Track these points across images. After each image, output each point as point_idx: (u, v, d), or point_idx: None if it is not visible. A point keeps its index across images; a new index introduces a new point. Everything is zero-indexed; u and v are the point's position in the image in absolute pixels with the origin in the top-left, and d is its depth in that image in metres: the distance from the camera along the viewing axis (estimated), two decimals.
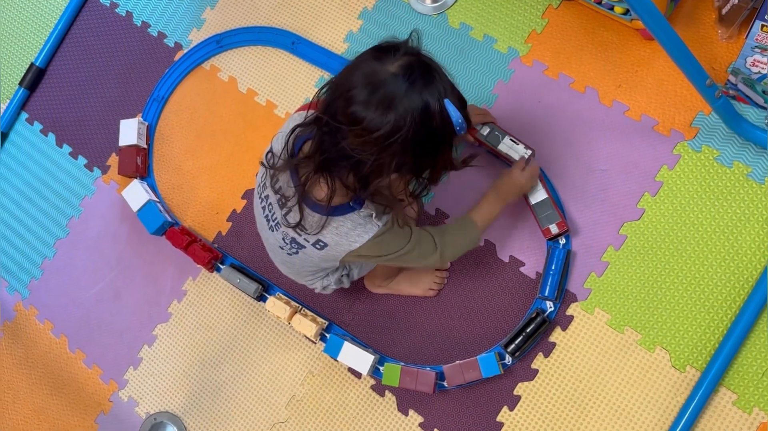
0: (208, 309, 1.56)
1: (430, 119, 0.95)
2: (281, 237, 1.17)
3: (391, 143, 0.94)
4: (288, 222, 1.11)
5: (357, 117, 0.94)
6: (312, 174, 1.02)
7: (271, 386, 1.48)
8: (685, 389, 1.22)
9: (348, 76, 0.97)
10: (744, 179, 1.27)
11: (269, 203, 1.16)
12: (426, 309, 1.40)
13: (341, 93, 0.96)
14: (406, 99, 0.93)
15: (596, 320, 1.30)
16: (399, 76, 0.94)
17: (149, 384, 1.57)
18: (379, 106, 0.93)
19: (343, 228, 1.08)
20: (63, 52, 1.85)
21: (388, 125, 0.93)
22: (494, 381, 1.32)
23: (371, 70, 0.95)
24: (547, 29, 1.44)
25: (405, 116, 0.93)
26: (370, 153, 0.95)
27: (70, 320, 1.68)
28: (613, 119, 1.36)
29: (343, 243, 1.10)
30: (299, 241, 1.14)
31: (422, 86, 0.95)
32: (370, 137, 0.94)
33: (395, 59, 0.95)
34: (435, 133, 0.97)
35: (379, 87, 0.94)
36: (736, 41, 1.30)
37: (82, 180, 1.75)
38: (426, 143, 0.98)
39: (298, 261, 1.21)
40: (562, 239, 1.33)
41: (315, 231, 1.08)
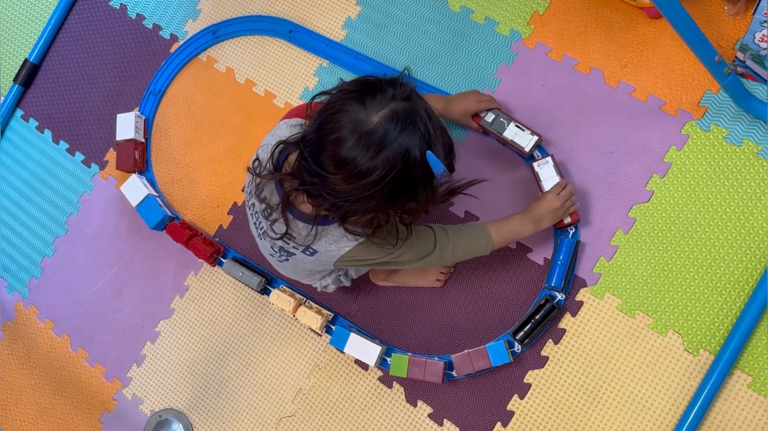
0: (211, 304, 1.54)
1: (410, 171, 0.94)
2: (270, 245, 1.17)
3: (368, 194, 0.94)
4: (274, 232, 1.11)
5: (341, 161, 0.93)
6: (295, 190, 1.02)
7: (277, 380, 1.46)
8: (698, 373, 1.20)
9: (333, 117, 0.95)
10: (754, 157, 1.24)
11: (255, 212, 1.16)
12: (432, 298, 1.38)
13: (326, 134, 0.95)
14: (387, 151, 0.92)
15: (606, 305, 1.27)
16: (384, 125, 0.92)
17: (153, 381, 1.55)
18: (365, 153, 0.92)
19: (332, 236, 1.08)
20: (57, 47, 1.82)
21: (369, 175, 0.92)
22: (504, 369, 1.30)
23: (356, 118, 0.93)
24: (550, 10, 1.42)
25: (385, 169, 0.92)
26: (347, 199, 0.96)
27: (71, 319, 1.66)
28: (619, 100, 1.34)
29: (332, 249, 1.10)
30: (288, 249, 1.14)
31: (406, 138, 0.93)
32: (348, 185, 0.94)
33: (381, 106, 0.93)
34: (414, 182, 0.96)
35: (362, 138, 0.92)
36: (743, 17, 1.28)
37: (80, 176, 1.72)
38: (403, 192, 0.97)
39: (291, 267, 1.21)
40: (572, 229, 1.30)
41: (304, 241, 1.08)
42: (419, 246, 1.13)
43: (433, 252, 1.15)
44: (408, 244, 1.11)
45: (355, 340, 1.34)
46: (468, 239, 1.19)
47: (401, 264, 1.15)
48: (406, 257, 1.13)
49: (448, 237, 1.17)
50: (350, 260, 1.12)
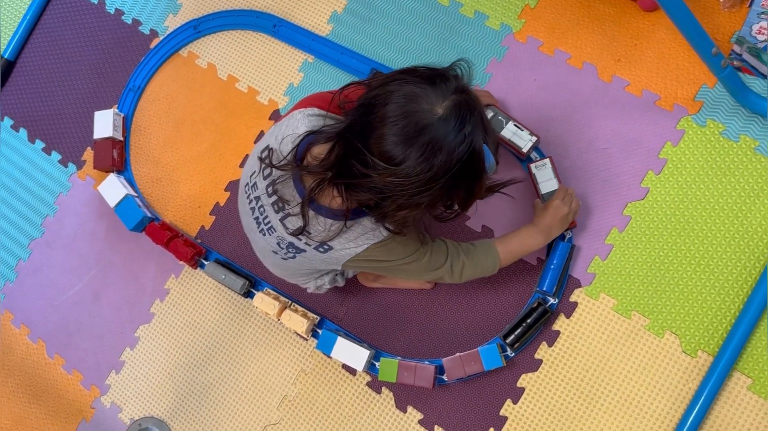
0: (192, 307, 1.49)
1: (472, 162, 0.90)
2: (275, 242, 1.10)
3: (425, 188, 0.88)
4: (286, 227, 1.04)
5: (393, 157, 0.87)
6: (326, 183, 0.94)
7: (262, 386, 1.40)
8: (697, 375, 1.17)
9: (387, 100, 0.88)
10: (752, 153, 1.21)
11: (260, 205, 1.08)
12: (422, 300, 1.34)
13: (378, 122, 0.88)
14: (453, 145, 0.87)
15: (601, 306, 1.23)
16: (447, 119, 0.87)
17: (133, 388, 1.50)
18: (419, 153, 0.86)
19: (351, 233, 1.02)
20: (33, 43, 1.76)
21: (429, 172, 0.87)
22: (496, 373, 1.26)
23: (416, 108, 0.87)
24: (541, 4, 1.38)
25: (449, 162, 0.87)
26: (402, 194, 0.89)
27: (47, 324, 1.60)
28: (613, 95, 1.30)
29: (349, 246, 1.04)
30: (298, 245, 1.07)
31: (470, 131, 0.88)
32: (405, 180, 0.87)
33: (443, 98, 0.88)
34: (473, 173, 0.92)
35: (424, 132, 0.86)
36: (739, 10, 1.25)
37: (57, 176, 1.66)
38: (463, 184, 0.93)
39: (293, 265, 1.14)
40: (568, 233, 1.26)
41: (322, 237, 1.01)
42: (433, 257, 1.09)
43: (443, 265, 1.10)
44: (425, 251, 1.07)
45: (342, 344, 1.29)
46: (477, 256, 1.14)
47: (410, 273, 1.10)
48: (418, 265, 1.08)
49: (459, 253, 1.12)
50: (363, 260, 1.06)
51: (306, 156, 0.98)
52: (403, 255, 1.06)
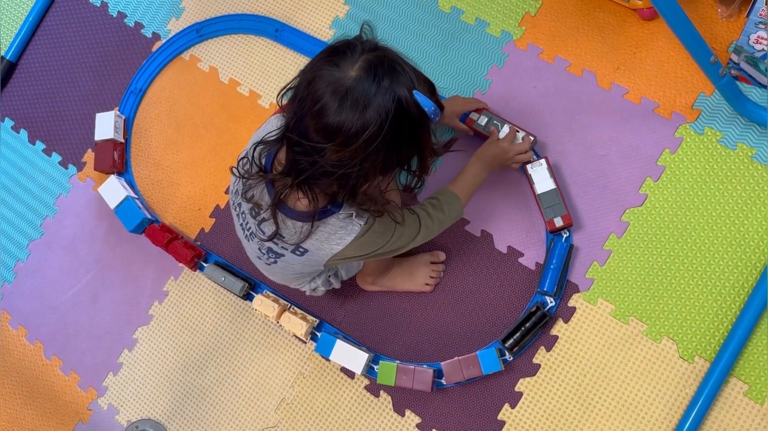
0: (191, 310, 1.49)
1: (407, 113, 0.92)
2: (257, 247, 1.13)
3: (372, 148, 0.91)
4: (263, 232, 1.07)
5: (331, 130, 0.90)
6: (289, 188, 0.98)
7: (260, 389, 1.40)
8: (694, 380, 1.17)
9: (309, 88, 0.92)
10: (749, 161, 1.22)
11: (242, 211, 1.12)
12: (421, 304, 1.34)
13: (308, 108, 0.91)
14: (378, 100, 0.89)
15: (599, 311, 1.24)
16: (363, 78, 0.90)
17: (130, 390, 1.49)
18: (353, 113, 0.89)
19: (323, 233, 1.04)
20: (35, 45, 1.77)
21: (365, 131, 0.89)
22: (494, 377, 1.26)
23: (333, 79, 0.90)
24: (542, 11, 1.39)
25: (381, 117, 0.89)
26: (353, 164, 0.92)
27: (45, 325, 1.59)
28: (612, 102, 1.31)
29: (324, 247, 1.06)
30: (276, 250, 1.10)
31: (390, 82, 0.90)
32: (348, 149, 0.90)
33: (354, 61, 0.91)
34: (413, 124, 0.94)
35: (347, 94, 0.89)
36: (736, 19, 1.26)
37: (57, 178, 1.67)
38: (406, 137, 0.94)
39: (279, 269, 1.17)
40: (565, 233, 1.27)
41: (295, 240, 1.04)
42: (407, 230, 1.12)
43: (420, 232, 1.14)
44: (400, 230, 1.09)
45: (341, 347, 1.30)
46: (444, 207, 1.18)
47: (394, 251, 1.12)
48: (398, 243, 1.11)
49: (428, 213, 1.16)
50: (343, 258, 1.08)
51: (274, 163, 1.02)
52: (381, 243, 1.09)
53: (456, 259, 1.33)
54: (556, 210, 1.25)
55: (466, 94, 1.39)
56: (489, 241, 1.32)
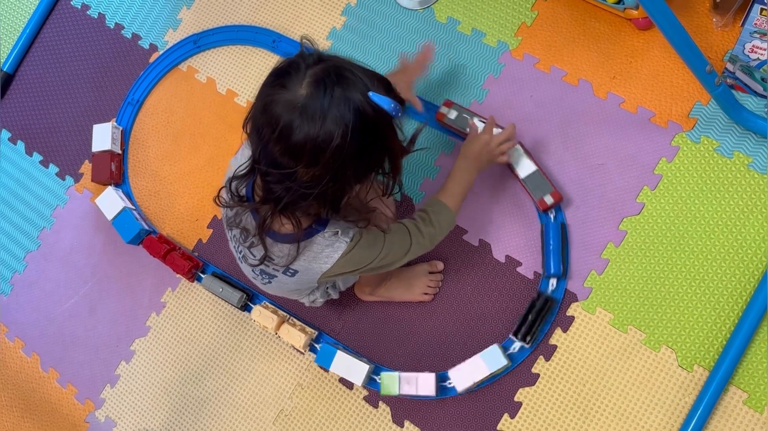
0: (188, 321, 1.48)
1: (366, 117, 0.91)
2: (250, 269, 1.15)
3: (342, 159, 0.90)
4: (253, 256, 1.08)
5: (297, 150, 0.90)
6: (270, 216, 0.98)
7: (258, 401, 1.40)
8: (693, 389, 1.17)
9: (265, 115, 0.91)
10: (745, 169, 1.23)
11: (233, 235, 1.13)
12: (419, 314, 1.34)
13: (268, 135, 0.91)
14: (333, 111, 0.89)
15: (598, 320, 1.24)
16: (314, 93, 0.89)
17: (128, 402, 1.49)
18: (313, 128, 0.88)
19: (310, 254, 1.05)
20: (32, 56, 1.77)
21: (330, 144, 0.89)
22: (493, 388, 1.26)
23: (285, 101, 0.89)
24: (537, 21, 1.40)
25: (342, 128, 0.89)
26: (327, 180, 0.92)
27: (42, 337, 1.59)
28: (608, 112, 1.32)
29: (313, 267, 1.07)
30: (268, 272, 1.12)
31: (342, 90, 0.90)
32: (317, 166, 0.90)
33: (300, 78, 0.90)
34: (376, 127, 0.93)
35: (303, 112, 0.88)
36: (731, 29, 1.27)
37: (54, 189, 1.67)
38: (372, 141, 0.94)
39: (276, 288, 1.19)
40: (552, 212, 1.28)
41: (284, 262, 1.05)
42: (398, 243, 1.11)
43: (411, 245, 1.12)
44: (390, 244, 1.09)
45: (341, 358, 1.29)
46: (434, 219, 1.16)
47: (387, 266, 1.12)
48: (390, 257, 1.10)
49: (418, 227, 1.14)
50: (334, 275, 1.09)
51: (254, 188, 1.02)
52: (370, 259, 1.08)
53: (454, 269, 1.33)
54: (543, 188, 1.26)
55: (463, 103, 1.39)
56: (487, 251, 1.33)
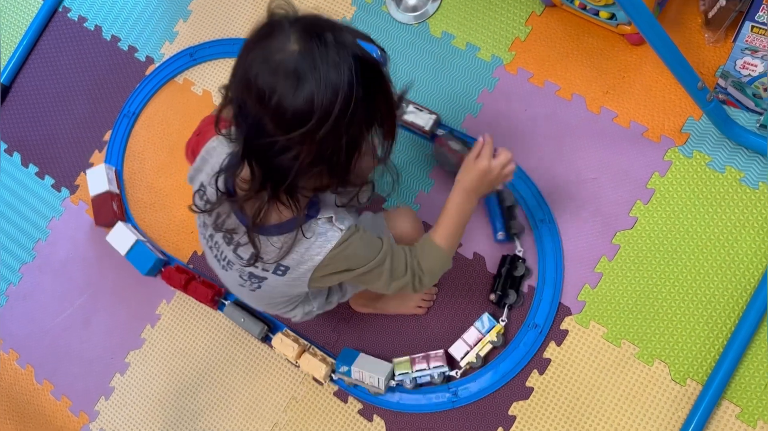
0: (183, 333, 1.48)
1: (365, 61, 0.84)
2: (238, 275, 1.07)
3: (352, 108, 0.83)
4: (241, 257, 1.01)
5: (303, 113, 0.81)
6: (267, 204, 0.90)
7: (252, 413, 1.40)
8: (686, 403, 1.18)
9: (255, 87, 0.83)
10: (737, 184, 1.24)
11: (215, 242, 1.05)
12: (414, 325, 1.34)
13: (263, 107, 0.83)
14: (332, 58, 0.81)
15: (592, 334, 1.25)
16: (306, 47, 0.81)
17: (122, 414, 1.48)
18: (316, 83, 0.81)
19: (302, 244, 0.97)
20: (29, 68, 1.78)
21: (338, 95, 0.81)
22: (487, 401, 1.26)
23: (276, 64, 0.81)
24: (531, 36, 1.41)
25: (346, 75, 0.81)
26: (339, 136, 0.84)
27: (36, 349, 1.59)
28: (601, 126, 1.33)
29: (305, 260, 0.98)
30: (258, 274, 1.04)
31: (334, 38, 0.83)
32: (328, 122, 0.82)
33: (287, 36, 0.82)
34: (374, 71, 0.87)
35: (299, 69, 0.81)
36: (723, 45, 1.28)
37: (50, 201, 1.67)
38: (373, 86, 0.87)
39: (266, 295, 1.10)
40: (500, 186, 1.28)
41: (276, 257, 0.97)
42: (394, 262, 1.03)
43: (405, 274, 1.05)
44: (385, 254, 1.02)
45: (364, 358, 1.32)
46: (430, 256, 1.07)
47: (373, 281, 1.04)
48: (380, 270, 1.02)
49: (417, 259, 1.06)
50: (325, 274, 1.01)
51: (236, 185, 0.95)
52: (364, 262, 1.01)
53: (448, 282, 1.34)
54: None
55: (457, 117, 1.41)
56: (481, 264, 1.33)
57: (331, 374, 1.34)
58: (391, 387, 1.31)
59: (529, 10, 1.42)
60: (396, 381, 1.31)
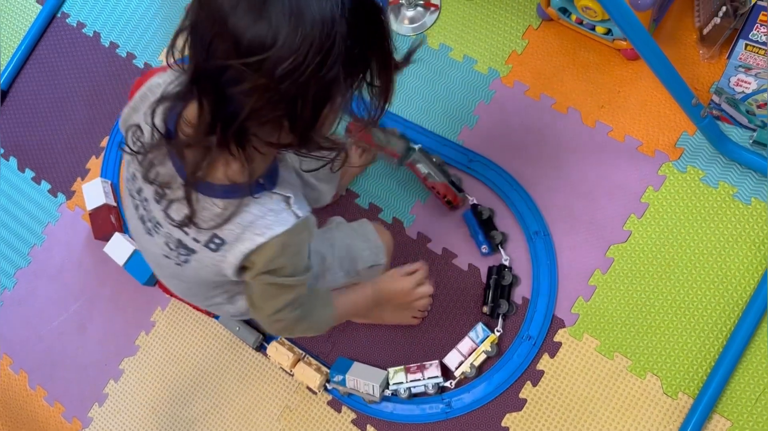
0: (178, 340, 1.49)
1: (361, 2, 0.72)
2: (164, 241, 0.89)
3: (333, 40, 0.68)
4: (171, 218, 0.84)
5: (261, 45, 0.67)
6: (214, 151, 0.74)
7: (246, 422, 1.40)
8: (677, 417, 1.18)
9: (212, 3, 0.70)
10: (730, 200, 1.25)
11: (143, 198, 0.88)
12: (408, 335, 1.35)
13: (215, 30, 0.69)
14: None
15: (585, 346, 1.25)
16: None
17: (116, 422, 1.48)
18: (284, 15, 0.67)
19: (247, 216, 0.81)
20: (27, 73, 1.78)
21: (310, 36, 0.67)
22: (481, 412, 1.27)
23: None
24: (528, 50, 1.42)
25: (329, 14, 0.68)
26: (305, 88, 0.69)
27: (30, 354, 1.58)
28: (596, 140, 1.34)
29: (245, 237, 0.82)
30: (187, 243, 0.86)
31: None
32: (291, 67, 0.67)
33: None
34: (369, 17, 0.73)
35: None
36: (717, 61, 1.29)
37: (46, 206, 1.67)
38: (367, 26, 0.73)
39: (193, 274, 0.92)
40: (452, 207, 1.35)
41: (214, 223, 0.80)
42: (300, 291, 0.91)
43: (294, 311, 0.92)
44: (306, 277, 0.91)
45: (359, 367, 1.32)
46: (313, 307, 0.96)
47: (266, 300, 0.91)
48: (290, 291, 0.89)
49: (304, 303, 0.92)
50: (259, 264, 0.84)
51: (179, 127, 0.79)
52: (294, 266, 0.86)
53: (443, 293, 1.34)
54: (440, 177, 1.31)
55: (453, 129, 1.41)
56: (476, 275, 1.34)
57: (326, 383, 1.34)
58: (385, 397, 1.32)
59: (526, 23, 1.43)
60: (391, 391, 1.31)
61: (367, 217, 1.39)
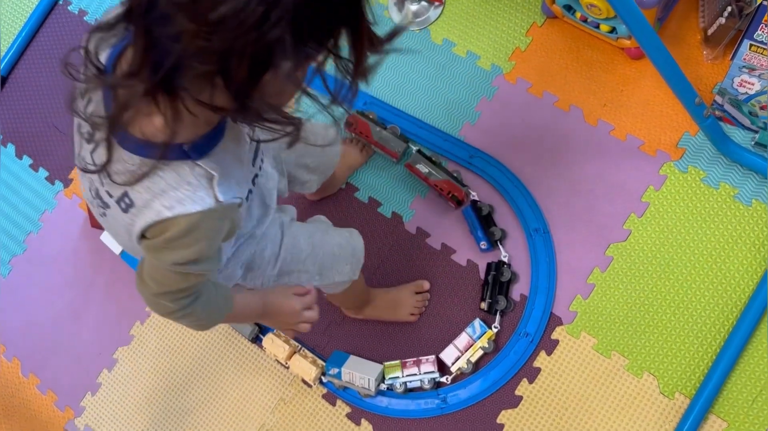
0: (172, 331, 1.48)
1: None
2: (89, 186, 0.81)
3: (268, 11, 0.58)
4: (94, 163, 0.75)
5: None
6: (139, 97, 0.65)
7: (240, 414, 1.39)
8: (674, 417, 1.18)
9: None
10: (731, 201, 1.25)
11: (81, 132, 0.79)
12: (405, 331, 1.34)
13: None
14: None
15: (582, 344, 1.25)
16: None
17: (108, 411, 1.47)
18: None
19: (161, 182, 0.72)
20: (26, 60, 1.77)
21: None
22: (476, 409, 1.26)
23: None
24: (531, 47, 1.42)
25: None
26: (241, 44, 0.59)
27: (24, 342, 1.57)
28: (598, 139, 1.34)
29: (153, 205, 0.73)
30: (102, 196, 0.79)
31: None
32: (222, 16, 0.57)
33: None
34: None
35: None
36: (721, 62, 1.29)
37: (43, 193, 1.66)
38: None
39: (113, 232, 0.85)
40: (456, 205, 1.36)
41: (125, 179, 0.72)
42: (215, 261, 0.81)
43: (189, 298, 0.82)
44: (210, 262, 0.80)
45: (355, 360, 1.31)
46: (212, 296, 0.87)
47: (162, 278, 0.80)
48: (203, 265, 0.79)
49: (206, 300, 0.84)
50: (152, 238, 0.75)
51: (118, 62, 0.70)
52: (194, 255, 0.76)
53: (441, 288, 1.34)
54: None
55: (456, 125, 1.41)
56: (475, 271, 1.33)
57: (321, 376, 1.34)
58: (381, 391, 1.31)
59: (531, 20, 1.42)
60: (386, 385, 1.31)
61: (366, 211, 1.40)
